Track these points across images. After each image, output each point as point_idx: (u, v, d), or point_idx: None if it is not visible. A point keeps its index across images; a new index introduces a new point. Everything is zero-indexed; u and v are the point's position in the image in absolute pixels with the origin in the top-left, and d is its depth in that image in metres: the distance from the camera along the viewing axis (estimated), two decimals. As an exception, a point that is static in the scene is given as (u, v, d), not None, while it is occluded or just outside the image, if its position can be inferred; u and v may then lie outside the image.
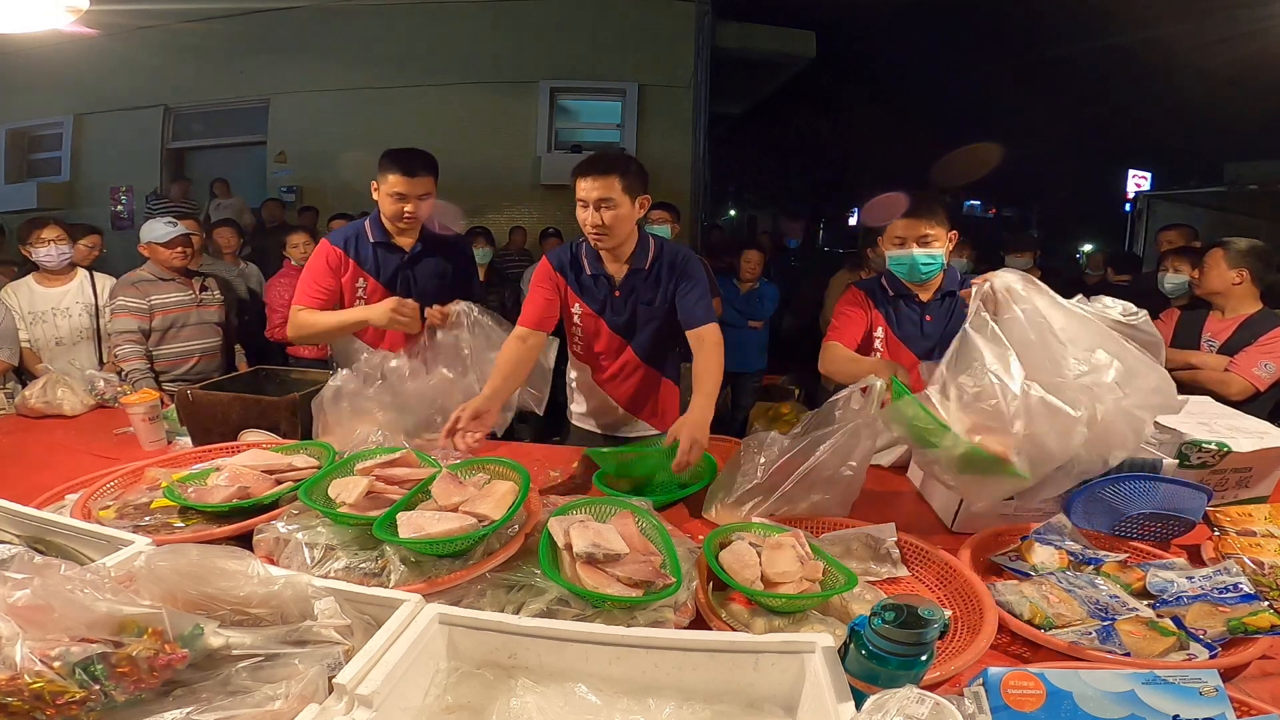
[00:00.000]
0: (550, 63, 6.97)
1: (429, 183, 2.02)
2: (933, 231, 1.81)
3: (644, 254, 1.88)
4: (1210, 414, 1.61)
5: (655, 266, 1.89)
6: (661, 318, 1.92)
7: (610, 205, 1.72)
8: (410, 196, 1.98)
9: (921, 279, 1.88)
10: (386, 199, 2.00)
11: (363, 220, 2.12)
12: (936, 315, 1.91)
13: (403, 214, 2.00)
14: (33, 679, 0.62)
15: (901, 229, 1.84)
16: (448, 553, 1.11)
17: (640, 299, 1.90)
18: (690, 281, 1.85)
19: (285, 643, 0.78)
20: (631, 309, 1.91)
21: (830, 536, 1.30)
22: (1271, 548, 1.23)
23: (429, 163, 2.03)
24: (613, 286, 1.90)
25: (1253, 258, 2.49)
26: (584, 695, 0.82)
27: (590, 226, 1.76)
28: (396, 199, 1.98)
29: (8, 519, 1.13)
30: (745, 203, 17.97)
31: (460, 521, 1.12)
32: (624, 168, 1.74)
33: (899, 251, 1.86)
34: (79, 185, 7.67)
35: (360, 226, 2.11)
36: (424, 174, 1.99)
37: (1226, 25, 6.27)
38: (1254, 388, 2.36)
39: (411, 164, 1.97)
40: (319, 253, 2.09)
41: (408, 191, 1.97)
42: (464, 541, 1.10)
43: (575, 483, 1.69)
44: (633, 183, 1.74)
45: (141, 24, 6.85)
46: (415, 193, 1.98)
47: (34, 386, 2.19)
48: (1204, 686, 0.76)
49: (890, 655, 0.78)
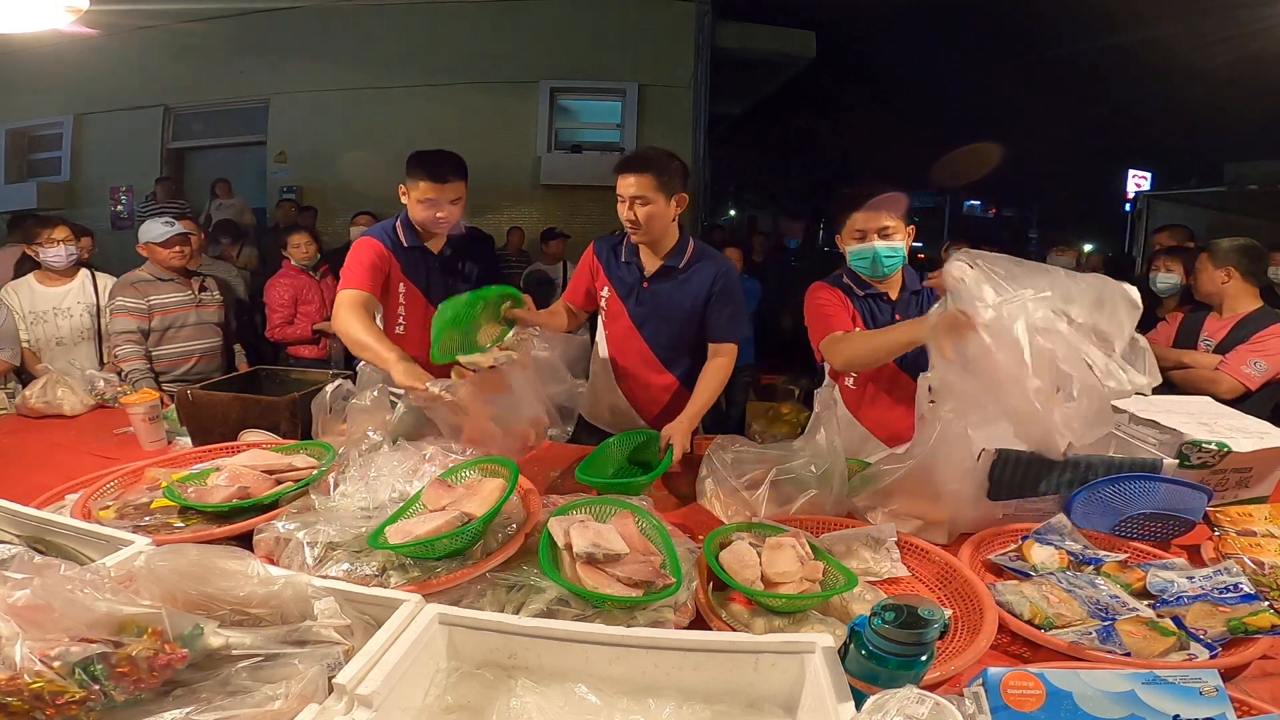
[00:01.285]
0: (550, 63, 6.97)
1: (460, 187, 1.93)
2: (892, 224, 1.75)
3: (680, 253, 1.93)
4: (1211, 414, 1.61)
5: (690, 268, 1.93)
6: (683, 318, 1.95)
7: (645, 202, 1.79)
8: (441, 202, 1.90)
9: (884, 273, 1.81)
10: (417, 205, 1.92)
11: (391, 223, 2.04)
12: (906, 315, 1.83)
13: (435, 220, 1.93)
14: (32, 679, 0.62)
15: (861, 221, 1.77)
16: (440, 554, 1.11)
17: (665, 295, 1.94)
18: (726, 299, 1.93)
19: (285, 643, 0.78)
20: (654, 302, 1.96)
21: (830, 537, 1.30)
22: (1272, 548, 1.23)
23: (459, 166, 1.94)
24: (643, 277, 1.96)
25: (1237, 255, 2.50)
26: (584, 695, 0.82)
27: (626, 222, 1.84)
28: (427, 205, 1.90)
29: (8, 519, 1.13)
30: (745, 203, 17.96)
31: (446, 518, 1.11)
32: (660, 166, 1.79)
33: (859, 245, 1.78)
34: (79, 185, 7.68)
35: (392, 228, 2.02)
36: (455, 179, 1.91)
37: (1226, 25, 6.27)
38: (1244, 386, 2.35)
39: (441, 170, 1.90)
40: (366, 247, 1.95)
41: (439, 198, 1.90)
42: (453, 540, 1.09)
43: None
44: (670, 181, 1.81)
45: (141, 24, 6.85)
46: (446, 198, 1.90)
47: (34, 386, 2.19)
48: (1204, 686, 0.76)
49: (890, 655, 0.77)
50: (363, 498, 1.28)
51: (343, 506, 1.25)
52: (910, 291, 1.86)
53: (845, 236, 1.82)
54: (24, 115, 7.71)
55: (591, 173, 6.83)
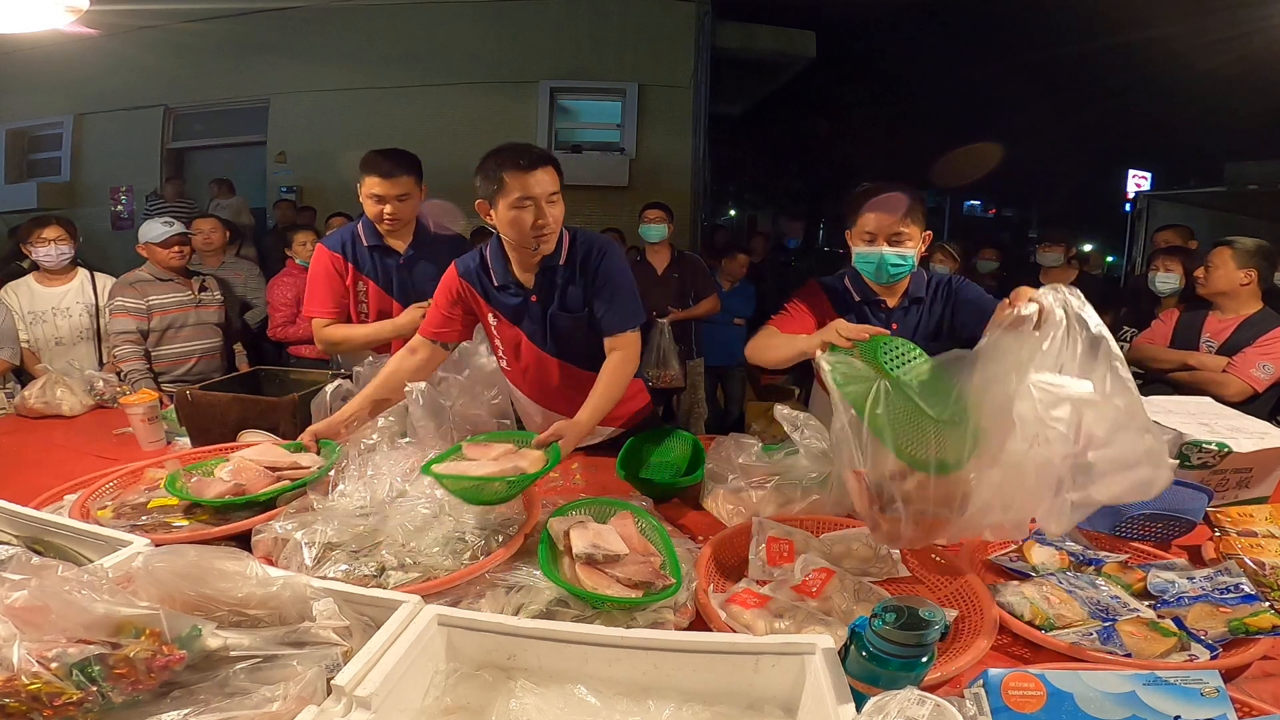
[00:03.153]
0: (550, 63, 6.96)
1: (408, 183, 1.96)
2: (907, 230, 1.63)
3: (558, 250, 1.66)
4: (1211, 414, 1.61)
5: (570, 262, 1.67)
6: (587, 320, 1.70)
7: (557, 200, 1.57)
8: (388, 198, 1.94)
9: (888, 280, 1.70)
10: (367, 201, 1.98)
11: (356, 223, 2.10)
12: (902, 325, 1.72)
13: (382, 216, 1.97)
14: (30, 680, 0.62)
15: (873, 224, 1.65)
16: (487, 499, 1.20)
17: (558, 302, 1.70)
18: (607, 287, 1.66)
19: (283, 644, 0.77)
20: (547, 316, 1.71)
21: (830, 537, 1.30)
22: (1272, 548, 1.23)
23: (408, 162, 1.97)
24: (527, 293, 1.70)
25: (1260, 257, 2.47)
26: (583, 696, 0.82)
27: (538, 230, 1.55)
28: (375, 201, 1.96)
29: (6, 519, 1.13)
30: (745, 203, 17.94)
31: (499, 466, 1.23)
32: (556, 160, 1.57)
33: (867, 249, 1.67)
34: (79, 185, 7.67)
35: (354, 229, 2.08)
36: (402, 174, 1.94)
37: (1227, 25, 6.26)
38: (1251, 389, 2.35)
39: (387, 165, 1.93)
40: (319, 260, 2.07)
41: (385, 193, 1.94)
42: (507, 486, 1.19)
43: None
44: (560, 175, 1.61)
45: (141, 24, 6.84)
46: (393, 194, 1.94)
47: (33, 387, 2.19)
48: (1205, 687, 0.76)
49: (891, 657, 0.77)
50: (361, 497, 1.28)
51: (341, 506, 1.25)
52: (910, 300, 1.74)
53: (854, 236, 1.71)
54: (24, 115, 7.70)
55: (591, 173, 6.83)
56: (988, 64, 11.89)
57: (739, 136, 12.91)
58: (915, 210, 1.65)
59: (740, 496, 1.46)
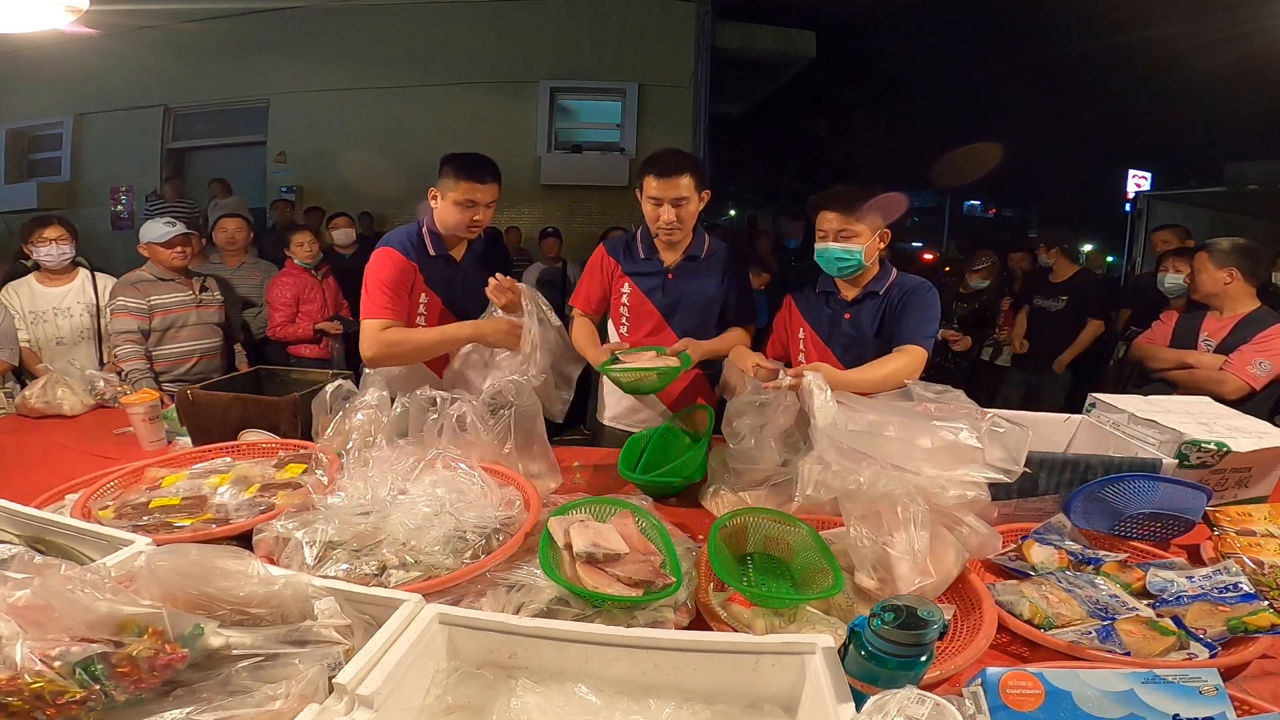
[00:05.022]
0: (550, 63, 6.97)
1: (495, 190, 1.91)
2: (855, 228, 1.75)
3: (700, 244, 2.03)
4: (1210, 414, 1.61)
5: (710, 257, 2.03)
6: (707, 305, 2.02)
7: (686, 202, 1.87)
8: (480, 204, 1.88)
9: (838, 274, 1.84)
10: (453, 208, 1.88)
11: (412, 229, 1.98)
12: (857, 315, 1.86)
13: (470, 223, 1.90)
14: (33, 679, 0.62)
15: (822, 221, 1.80)
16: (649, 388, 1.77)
17: (691, 285, 2.01)
18: (737, 279, 2.05)
19: (285, 643, 0.78)
20: (680, 293, 2.02)
21: (830, 534, 1.30)
22: (1271, 547, 1.23)
23: (495, 169, 1.93)
24: (666, 270, 2.03)
25: (1238, 255, 2.48)
26: (584, 695, 0.82)
27: (664, 224, 1.89)
28: (465, 207, 1.87)
29: (8, 519, 1.13)
30: (745, 203, 17.93)
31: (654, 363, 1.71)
32: (694, 165, 1.88)
33: (819, 244, 1.83)
34: (79, 185, 7.67)
35: (415, 236, 1.96)
36: (492, 180, 1.90)
37: (1227, 25, 6.26)
38: (1249, 386, 2.35)
39: (481, 170, 1.88)
40: (388, 263, 1.90)
41: (479, 199, 1.87)
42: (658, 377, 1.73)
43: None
44: (702, 179, 1.90)
45: (141, 24, 6.84)
46: (485, 200, 1.89)
47: (34, 386, 2.19)
48: (1204, 686, 0.76)
49: (890, 656, 0.78)
50: (362, 496, 1.28)
51: (342, 505, 1.26)
52: (866, 294, 1.84)
53: (816, 233, 1.88)
54: (24, 115, 7.70)
55: (591, 173, 6.83)
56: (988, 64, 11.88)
57: (739, 136, 12.92)
58: (870, 210, 1.77)
59: (739, 496, 1.46)
